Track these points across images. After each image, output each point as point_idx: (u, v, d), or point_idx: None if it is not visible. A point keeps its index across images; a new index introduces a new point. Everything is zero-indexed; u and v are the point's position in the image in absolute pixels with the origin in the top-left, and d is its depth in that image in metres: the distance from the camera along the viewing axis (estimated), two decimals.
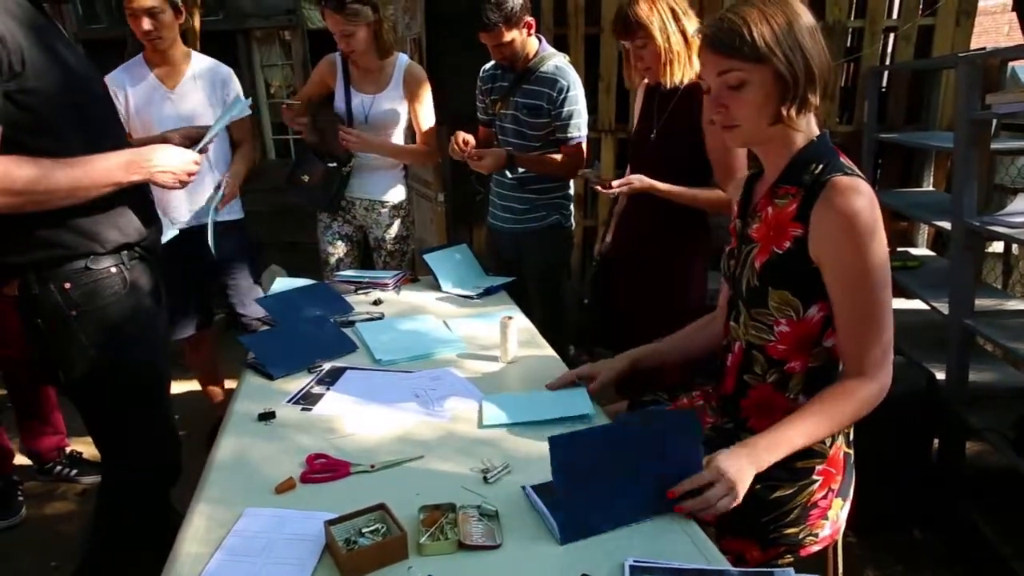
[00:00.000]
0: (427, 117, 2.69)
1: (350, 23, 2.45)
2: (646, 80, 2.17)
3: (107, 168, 1.47)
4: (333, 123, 2.63)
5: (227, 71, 2.67)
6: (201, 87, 2.57)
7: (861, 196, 1.20)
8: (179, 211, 2.57)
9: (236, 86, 2.68)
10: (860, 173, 1.26)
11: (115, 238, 1.54)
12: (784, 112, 1.25)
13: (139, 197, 1.61)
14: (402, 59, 2.67)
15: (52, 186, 1.38)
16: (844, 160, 1.28)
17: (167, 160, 1.58)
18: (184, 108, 2.54)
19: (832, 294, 1.26)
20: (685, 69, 2.04)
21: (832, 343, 1.31)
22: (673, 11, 1.99)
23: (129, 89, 2.50)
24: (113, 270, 1.54)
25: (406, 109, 2.66)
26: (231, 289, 2.75)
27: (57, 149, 1.41)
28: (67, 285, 1.48)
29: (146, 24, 2.38)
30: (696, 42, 2.00)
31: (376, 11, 2.51)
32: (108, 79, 2.45)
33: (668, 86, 2.06)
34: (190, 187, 1.86)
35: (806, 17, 1.25)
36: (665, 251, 2.18)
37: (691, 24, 2.02)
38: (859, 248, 1.20)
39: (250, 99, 2.00)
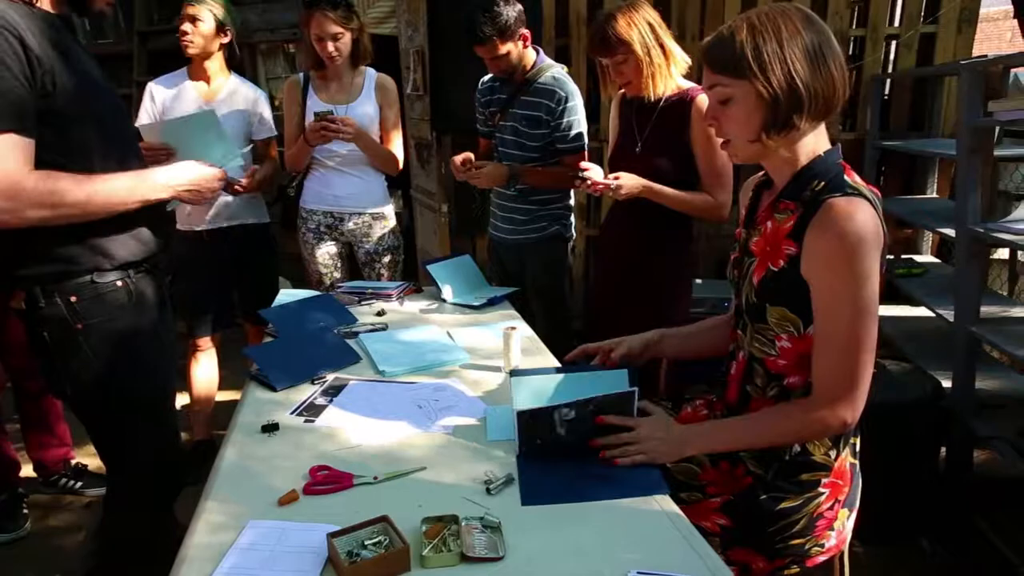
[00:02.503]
0: (396, 125, 2.76)
1: (343, 24, 2.50)
2: (622, 91, 2.19)
3: (134, 185, 1.52)
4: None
5: (260, 93, 2.78)
6: (235, 104, 2.68)
7: (853, 221, 1.15)
8: (197, 213, 2.63)
9: (266, 109, 2.77)
10: (866, 193, 1.20)
11: (123, 255, 1.55)
12: (763, 135, 1.21)
13: (151, 215, 1.63)
14: (370, 71, 2.72)
15: (82, 200, 1.42)
16: (850, 178, 1.23)
17: (194, 177, 1.66)
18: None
19: (814, 314, 1.22)
20: (666, 81, 2.06)
21: None
22: (651, 24, 2.02)
23: (168, 96, 2.61)
24: (119, 284, 1.55)
25: (377, 118, 2.71)
26: (245, 292, 2.80)
27: (78, 166, 1.44)
28: (73, 298, 1.49)
29: (186, 27, 2.52)
30: (674, 53, 2.05)
31: (359, 17, 2.59)
32: (152, 85, 2.64)
33: (651, 99, 2.08)
34: None
35: (809, 36, 1.17)
36: (651, 272, 2.21)
37: (667, 37, 2.04)
38: (845, 275, 1.16)
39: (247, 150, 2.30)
